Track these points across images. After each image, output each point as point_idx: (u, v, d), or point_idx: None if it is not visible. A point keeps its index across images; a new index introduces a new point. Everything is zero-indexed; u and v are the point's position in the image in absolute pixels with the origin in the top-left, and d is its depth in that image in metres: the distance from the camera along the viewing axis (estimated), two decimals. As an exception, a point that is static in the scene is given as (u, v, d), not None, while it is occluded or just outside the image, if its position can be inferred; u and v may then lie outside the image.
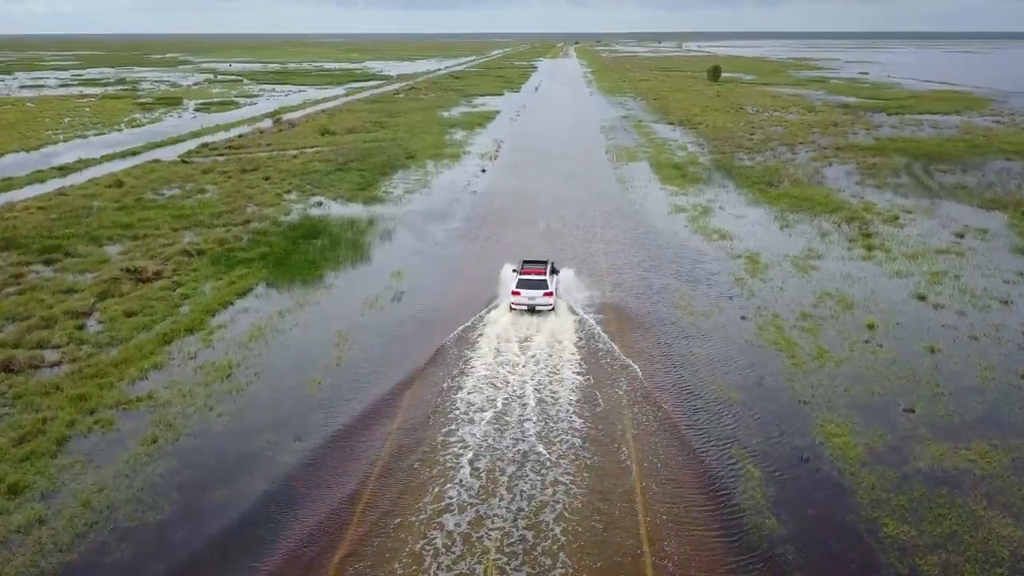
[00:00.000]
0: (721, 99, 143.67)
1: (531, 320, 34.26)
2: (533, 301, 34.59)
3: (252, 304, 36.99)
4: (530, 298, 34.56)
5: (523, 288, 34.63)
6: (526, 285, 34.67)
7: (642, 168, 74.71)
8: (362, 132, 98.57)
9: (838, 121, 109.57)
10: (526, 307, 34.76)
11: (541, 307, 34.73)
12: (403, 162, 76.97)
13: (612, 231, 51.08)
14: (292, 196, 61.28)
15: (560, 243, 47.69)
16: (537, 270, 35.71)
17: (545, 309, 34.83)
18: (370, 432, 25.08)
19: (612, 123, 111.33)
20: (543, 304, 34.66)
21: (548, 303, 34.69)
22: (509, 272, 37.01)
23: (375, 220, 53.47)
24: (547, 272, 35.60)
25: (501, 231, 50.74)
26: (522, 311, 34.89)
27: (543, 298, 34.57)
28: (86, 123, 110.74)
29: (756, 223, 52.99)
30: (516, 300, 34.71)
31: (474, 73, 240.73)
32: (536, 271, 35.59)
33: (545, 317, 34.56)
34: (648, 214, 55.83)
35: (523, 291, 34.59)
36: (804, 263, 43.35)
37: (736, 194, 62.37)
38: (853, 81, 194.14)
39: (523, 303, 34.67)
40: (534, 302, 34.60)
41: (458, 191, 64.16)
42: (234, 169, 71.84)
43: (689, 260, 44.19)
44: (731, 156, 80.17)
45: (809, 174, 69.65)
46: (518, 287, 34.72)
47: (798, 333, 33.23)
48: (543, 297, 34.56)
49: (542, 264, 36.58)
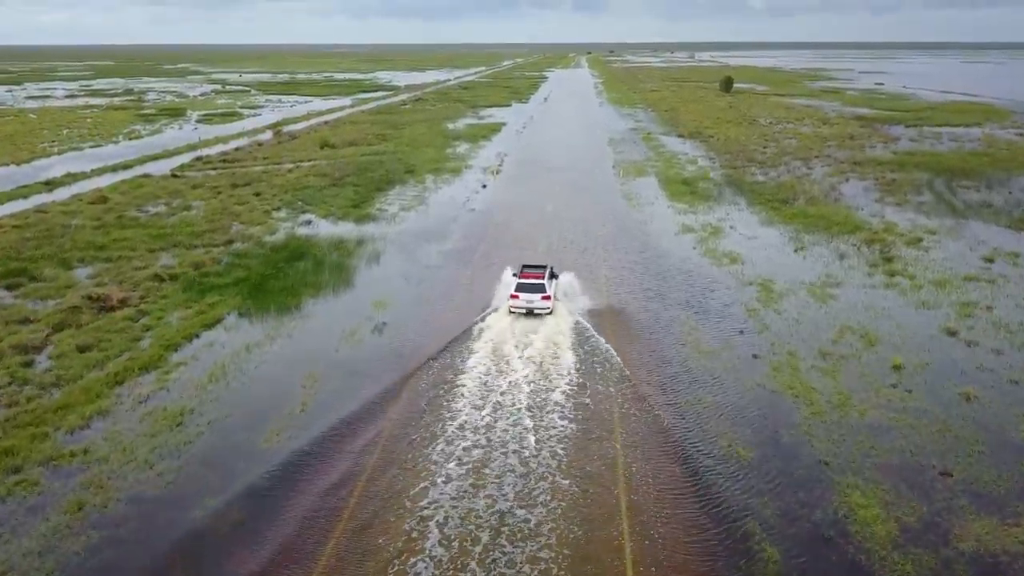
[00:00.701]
0: (733, 110, 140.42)
1: (520, 366, 31.12)
2: (531, 305, 35.26)
3: (219, 337, 34.01)
4: (528, 302, 35.26)
5: (522, 292, 35.37)
6: (525, 289, 35.41)
7: (650, 184, 71.53)
8: (363, 145, 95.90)
9: (854, 134, 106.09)
10: (524, 310, 35.38)
11: (539, 311, 35.33)
12: (401, 177, 74.11)
13: (617, 254, 47.90)
14: (281, 214, 58.45)
15: (561, 267, 44.49)
16: (536, 274, 36.34)
17: (543, 312, 35.37)
18: (325, 503, 21.92)
19: (621, 135, 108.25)
20: (541, 308, 35.31)
21: (546, 307, 35.37)
22: (509, 276, 37.77)
23: (364, 241, 50.48)
24: (546, 277, 36.25)
25: (498, 253, 47.64)
26: (520, 314, 35.40)
27: (541, 302, 35.26)
28: (84, 135, 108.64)
29: (769, 245, 49.69)
30: (514, 303, 35.42)
31: (483, 84, 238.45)
32: (535, 275, 36.20)
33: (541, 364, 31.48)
34: (655, 234, 52.62)
35: (521, 295, 35.33)
36: (822, 291, 40.02)
37: (748, 212, 59.08)
38: (868, 92, 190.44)
39: (521, 306, 35.37)
40: (532, 305, 35.27)
41: (456, 208, 61.15)
42: (225, 184, 69.15)
43: (698, 288, 40.93)
44: (743, 171, 76.90)
45: (825, 191, 66.28)
46: (517, 291, 35.47)
47: (816, 375, 29.91)
48: (541, 301, 35.25)
49: (541, 269, 37.22)
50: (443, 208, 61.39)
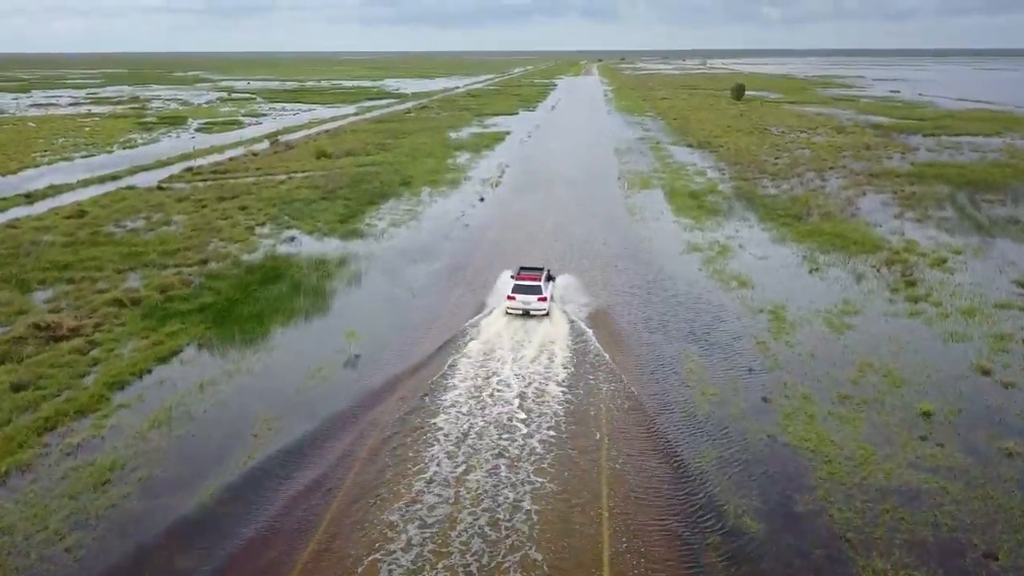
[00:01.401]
0: (744, 119, 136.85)
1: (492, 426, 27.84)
2: (527, 306, 35.93)
3: (172, 373, 30.87)
4: (524, 303, 35.92)
5: (518, 293, 36.00)
6: (521, 290, 36.03)
7: (656, 197, 68.14)
8: (361, 155, 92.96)
9: (870, 143, 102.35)
10: (520, 311, 36.00)
11: (535, 311, 35.98)
12: (396, 189, 71.02)
13: (618, 276, 44.53)
14: (265, 229, 55.42)
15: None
16: (532, 276, 36.98)
17: (539, 314, 35.99)
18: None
19: (628, 145, 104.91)
20: (537, 309, 35.97)
21: (542, 308, 36.00)
22: (507, 278, 38.43)
23: (347, 260, 47.33)
24: (542, 279, 36.83)
25: (488, 275, 44.33)
26: (517, 314, 36.02)
27: (537, 303, 35.93)
28: (79, 144, 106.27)
29: (781, 266, 46.21)
30: (511, 305, 36.07)
31: (491, 91, 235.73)
32: (531, 277, 36.84)
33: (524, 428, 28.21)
34: (659, 253, 49.23)
35: (518, 296, 35.96)
36: (839, 320, 36.53)
37: (759, 229, 55.58)
38: (884, 100, 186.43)
39: (518, 307, 36.02)
40: (528, 306, 35.94)
41: (449, 224, 57.95)
42: (211, 197, 66.25)
43: (704, 316, 37.50)
44: (754, 183, 73.40)
45: (841, 205, 62.70)
46: (513, 292, 36.09)
47: (834, 424, 26.45)
48: (537, 302, 35.91)
49: (538, 271, 37.90)
50: (436, 223, 58.21)
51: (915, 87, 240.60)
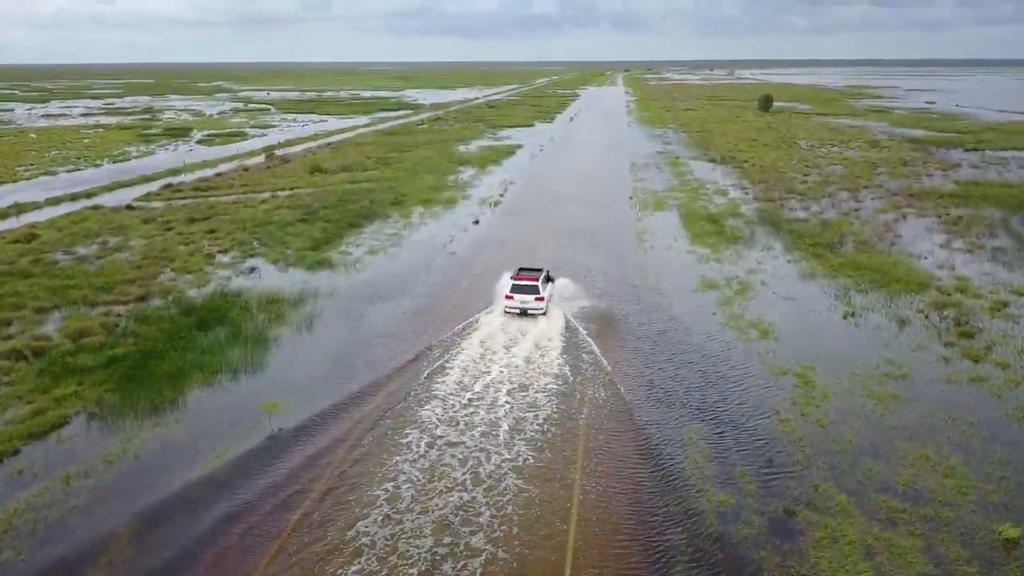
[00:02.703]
0: (771, 132, 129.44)
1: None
2: (525, 305, 36.75)
3: (41, 457, 24.74)
4: (522, 302, 36.73)
5: (516, 293, 36.84)
6: (519, 290, 36.89)
7: (670, 220, 61.36)
8: (358, 170, 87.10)
9: (907, 159, 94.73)
10: (518, 310, 36.79)
11: (533, 311, 36.79)
12: (384, 210, 64.90)
13: (616, 322, 37.84)
14: (226, 257, 49.48)
15: (544, 348, 34.69)
16: (530, 276, 37.92)
17: (537, 313, 36.83)
18: None
19: (645, 160, 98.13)
20: (534, 308, 36.80)
21: (540, 307, 36.87)
22: (506, 279, 39.05)
23: (305, 298, 41.11)
24: (540, 279, 37.67)
25: (463, 316, 37.81)
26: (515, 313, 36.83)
27: (534, 303, 36.77)
28: (70, 157, 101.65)
29: (811, 310, 39.27)
30: (509, 304, 36.99)
31: (511, 102, 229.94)
32: (529, 277, 37.80)
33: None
34: (668, 293, 42.46)
35: (516, 296, 36.80)
36: (881, 388, 29.57)
37: (785, 261, 48.63)
38: (919, 111, 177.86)
39: (515, 307, 36.85)
40: (526, 306, 36.77)
41: (434, 251, 51.61)
42: (181, 218, 60.55)
43: (717, 381, 30.70)
44: (780, 204, 66.34)
45: (878, 232, 55.50)
46: (512, 292, 36.95)
47: (884, 558, 19.56)
48: (534, 302, 36.76)
49: (537, 271, 38.86)
50: (419, 250, 51.92)
51: (951, 98, 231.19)
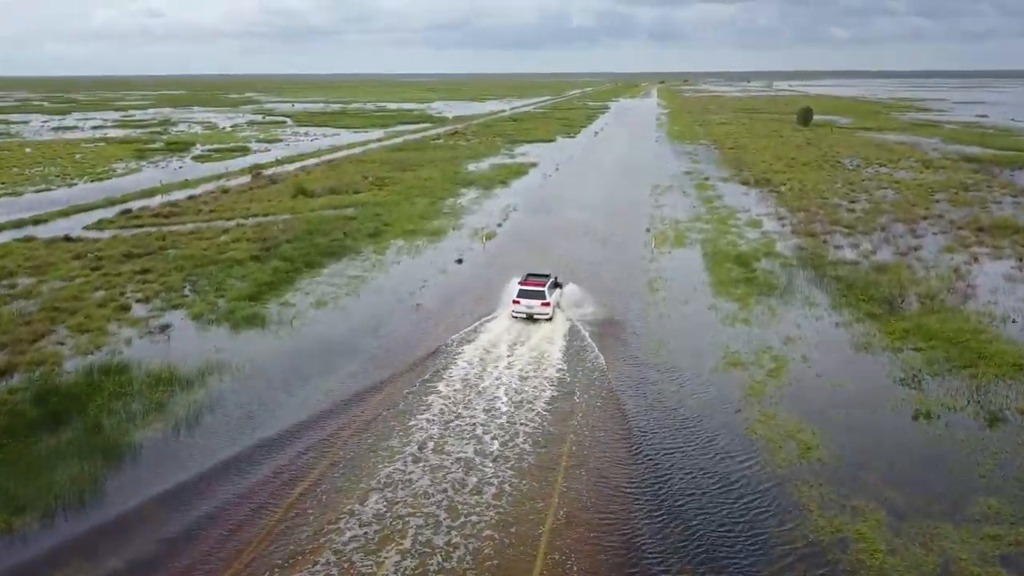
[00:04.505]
0: (812, 148, 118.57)
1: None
2: (531, 310, 37.39)
3: None
4: (528, 307, 37.41)
5: (523, 298, 37.58)
6: (526, 295, 37.63)
7: (691, 261, 51.51)
8: (347, 193, 78.38)
9: (968, 182, 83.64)
10: (525, 315, 37.39)
11: (539, 316, 37.37)
12: (357, 243, 55.88)
13: (606, 419, 28.20)
14: (144, 309, 40.78)
15: (514, 457, 25.30)
16: (537, 282, 38.57)
17: (542, 318, 37.33)
18: None
19: (670, 181, 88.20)
20: (540, 313, 37.38)
21: (546, 312, 37.41)
22: (515, 284, 39.07)
23: (208, 374, 31.92)
24: (547, 285, 38.19)
25: (409, 419, 28.47)
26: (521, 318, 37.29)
27: (540, 308, 37.35)
28: (48, 175, 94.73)
29: (868, 402, 29.23)
30: (516, 308, 37.66)
31: (537, 115, 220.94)
32: (536, 283, 38.42)
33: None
34: (682, 371, 32.59)
35: (523, 300, 37.53)
36: (991, 549, 19.52)
37: (831, 323, 38.55)
38: (971, 126, 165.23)
39: (522, 311, 37.48)
40: (532, 311, 37.37)
41: (395, 303, 42.36)
42: (117, 254, 52.10)
43: (739, 534, 20.91)
44: (823, 240, 56.08)
45: (947, 281, 45.09)
46: (518, 296, 37.70)
47: None
48: (540, 307, 37.35)
49: (544, 277, 39.28)
50: (377, 301, 42.72)
51: (1004, 111, 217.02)
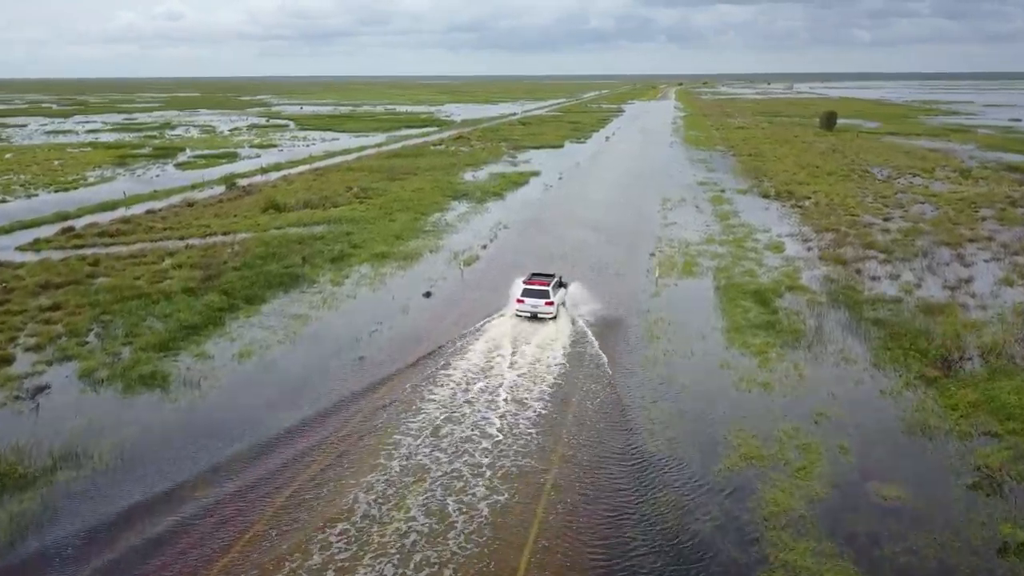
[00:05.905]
0: (837, 155, 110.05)
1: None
2: (535, 309, 37.25)
3: None
4: (532, 306, 37.26)
5: (527, 297, 37.46)
6: (530, 294, 37.47)
7: (700, 295, 43.62)
8: (323, 207, 71.01)
9: (1015, 196, 74.98)
10: (529, 314, 37.35)
11: (543, 315, 37.23)
12: (315, 271, 48.41)
13: (581, 543, 20.51)
14: (27, 362, 33.55)
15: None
16: (541, 281, 38.39)
17: (547, 317, 37.22)
18: None
19: (682, 193, 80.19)
20: (544, 312, 37.22)
21: (549, 312, 37.20)
22: (519, 283, 38.85)
23: (58, 470, 24.55)
24: (551, 284, 38.00)
25: (312, 517, 20.93)
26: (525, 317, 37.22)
27: (544, 307, 37.16)
28: (12, 184, 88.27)
29: (927, 519, 21.33)
30: (520, 308, 37.57)
31: (547, 119, 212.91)
32: (540, 282, 38.27)
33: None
34: (679, 470, 24.82)
35: (527, 299, 37.40)
36: None
37: (874, 390, 30.54)
38: (1007, 130, 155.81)
39: (526, 310, 37.40)
40: (536, 310, 37.24)
41: (334, 353, 34.72)
42: (32, 284, 44.97)
43: None
44: (856, 270, 47.97)
45: (1013, 327, 36.88)
46: (522, 296, 37.61)
47: None
48: (544, 306, 37.16)
49: (548, 277, 39.27)
50: (315, 350, 35.12)
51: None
